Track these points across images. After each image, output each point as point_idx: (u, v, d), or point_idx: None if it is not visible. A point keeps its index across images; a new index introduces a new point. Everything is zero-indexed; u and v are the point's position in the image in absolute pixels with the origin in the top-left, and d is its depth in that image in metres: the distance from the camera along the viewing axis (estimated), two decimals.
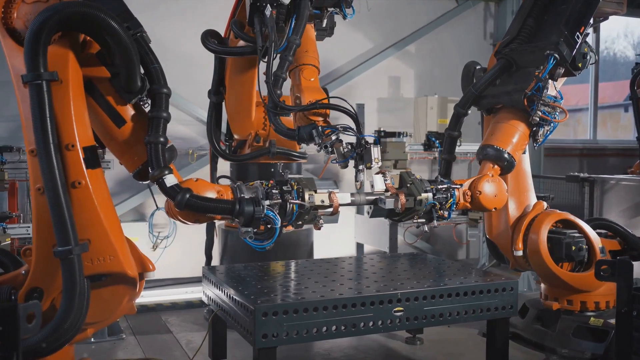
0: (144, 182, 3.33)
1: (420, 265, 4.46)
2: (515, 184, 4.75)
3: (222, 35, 4.60)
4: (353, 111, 3.70)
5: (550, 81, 4.16)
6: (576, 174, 7.12)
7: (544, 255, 4.46)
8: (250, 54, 4.07)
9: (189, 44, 4.18)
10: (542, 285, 4.89)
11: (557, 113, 4.21)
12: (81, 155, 2.87)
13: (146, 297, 6.42)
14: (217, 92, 4.98)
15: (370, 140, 3.64)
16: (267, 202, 3.35)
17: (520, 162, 4.76)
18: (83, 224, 2.87)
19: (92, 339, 4.98)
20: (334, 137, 3.65)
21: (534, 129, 4.29)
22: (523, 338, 4.91)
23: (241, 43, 4.28)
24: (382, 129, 6.75)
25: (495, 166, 4.27)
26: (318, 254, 5.63)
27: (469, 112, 4.57)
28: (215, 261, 5.75)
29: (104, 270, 2.97)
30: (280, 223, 3.52)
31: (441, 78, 8.21)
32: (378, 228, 6.55)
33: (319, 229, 3.77)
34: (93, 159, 2.95)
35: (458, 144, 7.17)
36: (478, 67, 4.77)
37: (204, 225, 5.52)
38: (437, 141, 6.91)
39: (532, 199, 4.82)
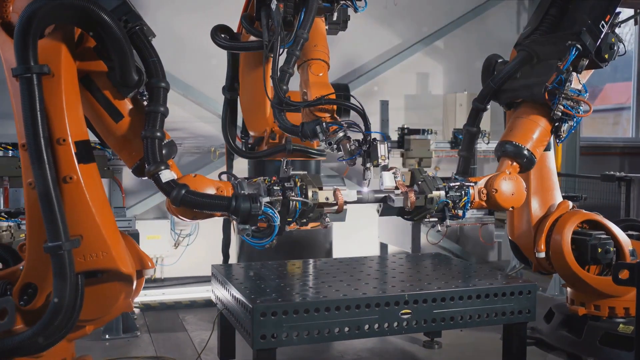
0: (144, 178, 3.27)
1: (438, 267, 4.29)
2: (538, 182, 4.53)
3: (236, 30, 4.54)
4: (360, 107, 3.59)
5: (574, 74, 3.94)
6: (612, 173, 6.79)
7: (567, 258, 4.23)
8: (257, 49, 3.99)
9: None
10: (568, 289, 4.66)
11: (581, 107, 3.98)
12: (73, 150, 2.83)
13: (167, 294, 6.43)
14: (232, 88, 4.93)
15: (378, 137, 3.53)
16: (266, 199, 3.26)
17: (544, 159, 4.54)
18: (75, 219, 2.83)
19: (107, 336, 5.00)
20: (340, 134, 3.54)
21: (556, 124, 4.07)
22: (548, 344, 4.68)
23: (252, 38, 4.20)
24: (405, 126, 6.59)
25: (514, 163, 4.07)
26: (341, 253, 5.46)
27: (489, 107, 4.38)
28: (233, 260, 5.68)
29: (96, 267, 2.92)
30: (285, 220, 3.44)
31: (471, 74, 7.92)
32: (401, 228, 6.38)
33: (325, 227, 3.67)
34: (86, 154, 2.91)
35: (486, 141, 7.02)
36: (500, 60, 4.56)
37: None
38: None
39: (557, 198, 4.59)
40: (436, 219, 3.83)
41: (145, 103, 3.21)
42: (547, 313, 4.95)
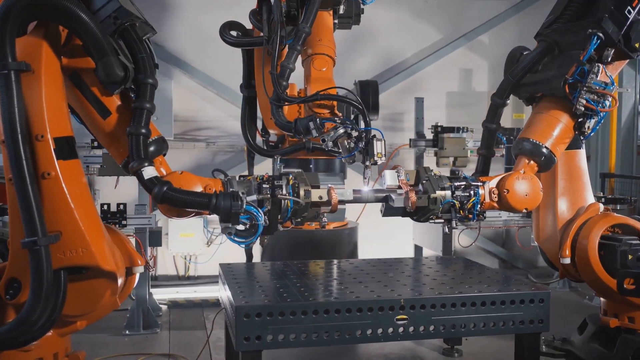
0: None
1: (453, 271, 4.05)
2: (567, 183, 4.23)
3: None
4: (359, 103, 3.46)
5: (599, 65, 3.63)
6: None
7: (594, 264, 3.91)
8: (261, 44, 3.92)
9: None
10: (602, 299, 4.32)
11: (607, 102, 3.66)
12: (52, 146, 2.84)
13: (198, 292, 6.49)
14: (249, 86, 4.87)
15: (376, 134, 3.40)
16: (252, 197, 3.18)
17: (574, 157, 4.24)
18: (54, 215, 2.84)
19: (127, 332, 5.06)
20: (341, 131, 3.42)
21: (580, 120, 3.76)
22: (578, 357, 4.36)
23: None
24: (438, 124, 6.34)
25: (531, 162, 3.80)
26: (372, 255, 5.25)
27: (508, 102, 4.12)
28: (257, 259, 5.64)
29: (76, 263, 2.92)
30: (276, 219, 3.36)
31: None
32: (433, 230, 6.13)
33: (323, 227, 3.54)
34: (67, 150, 2.91)
35: None
36: (525, 52, 4.29)
37: None
38: (504, 137, 6.37)
39: (588, 200, 4.26)
40: (442, 221, 3.65)
41: None
42: (581, 324, 4.62)
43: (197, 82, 6.94)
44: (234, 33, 4.36)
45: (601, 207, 4.19)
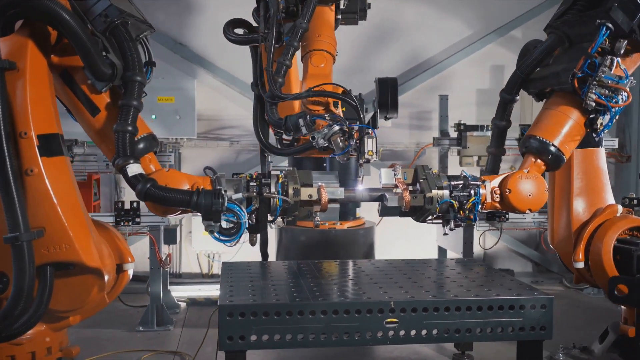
0: None
1: (458, 274, 3.90)
2: (584, 183, 4.02)
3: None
4: (353, 100, 3.37)
5: (613, 58, 3.41)
6: None
7: (608, 269, 3.71)
8: (262, 41, 3.88)
9: None
10: (623, 306, 4.07)
11: (620, 96, 3.44)
12: (35, 143, 2.88)
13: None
14: (259, 84, 4.84)
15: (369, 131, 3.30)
16: (238, 195, 3.15)
17: (592, 156, 4.05)
18: (37, 211, 2.89)
19: (141, 328, 5.12)
20: (336, 128, 3.34)
21: (591, 116, 3.56)
22: None
23: None
24: (462, 122, 6.14)
25: (538, 160, 3.61)
26: (396, 256, 5.10)
27: (518, 98, 3.94)
28: (272, 258, 5.60)
29: (60, 259, 2.95)
30: (265, 217, 3.32)
31: None
32: (455, 231, 5.92)
33: (317, 226, 3.48)
34: (52, 147, 2.95)
35: None
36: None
37: None
38: None
39: (608, 201, 4.04)
40: (440, 221, 3.52)
41: None
42: (603, 332, 4.39)
43: (221, 80, 6.97)
44: (240, 31, 4.36)
45: (620, 208, 3.96)
